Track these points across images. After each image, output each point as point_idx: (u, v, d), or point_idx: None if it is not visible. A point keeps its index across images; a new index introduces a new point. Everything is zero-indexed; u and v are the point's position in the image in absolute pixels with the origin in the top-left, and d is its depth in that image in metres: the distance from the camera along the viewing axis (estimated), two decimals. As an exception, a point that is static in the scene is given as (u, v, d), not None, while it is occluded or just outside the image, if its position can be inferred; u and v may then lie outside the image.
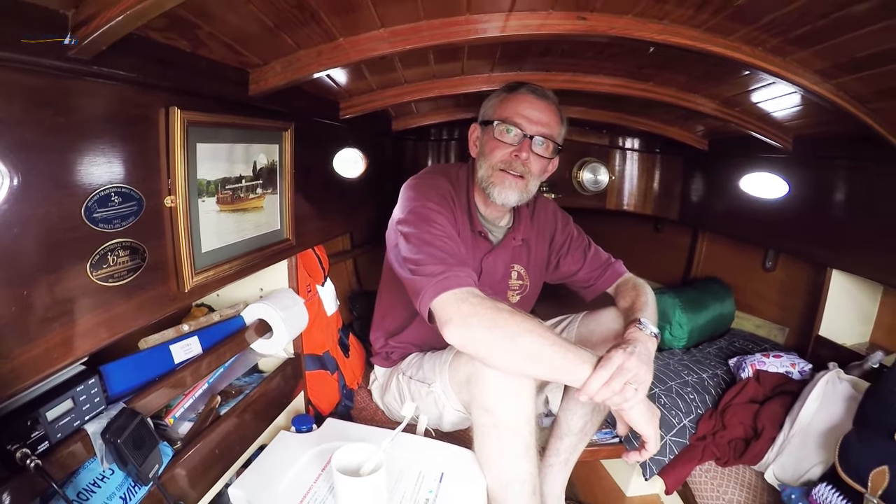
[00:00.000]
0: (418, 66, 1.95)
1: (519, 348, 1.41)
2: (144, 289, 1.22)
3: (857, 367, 2.07)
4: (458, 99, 2.52)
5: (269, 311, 1.79)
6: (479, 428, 1.61)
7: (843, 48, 1.36)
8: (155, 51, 1.14)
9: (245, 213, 1.57)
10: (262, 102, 1.55)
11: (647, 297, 1.89)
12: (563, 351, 1.40)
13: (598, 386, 1.35)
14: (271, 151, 1.68)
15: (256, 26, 1.24)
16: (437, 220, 1.71)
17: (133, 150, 1.15)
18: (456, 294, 1.48)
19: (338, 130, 2.26)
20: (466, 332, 1.44)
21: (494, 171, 1.84)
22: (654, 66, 1.90)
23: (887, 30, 1.19)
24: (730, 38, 1.44)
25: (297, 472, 1.56)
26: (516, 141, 1.82)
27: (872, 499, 1.54)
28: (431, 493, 1.52)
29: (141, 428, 1.23)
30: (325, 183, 2.23)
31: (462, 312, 1.45)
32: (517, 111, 1.82)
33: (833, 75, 1.54)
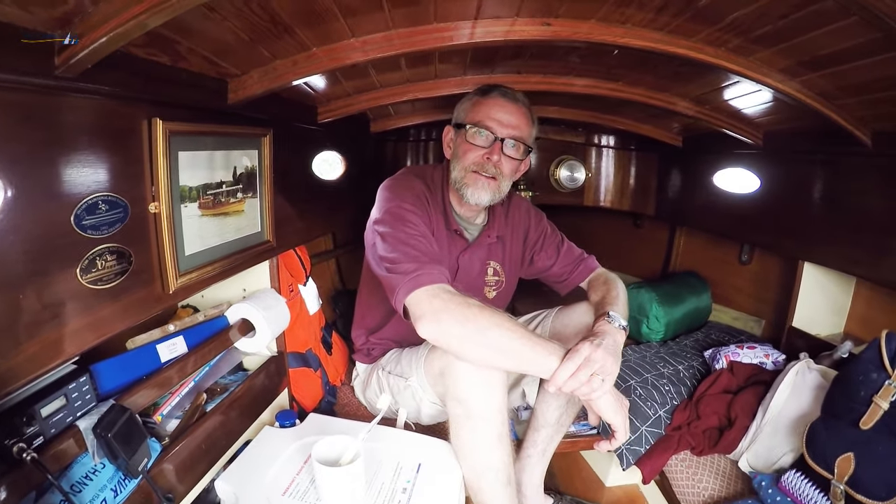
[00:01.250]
0: (392, 72, 2.01)
1: (489, 341, 1.46)
2: (131, 291, 1.29)
3: (828, 357, 2.13)
4: (436, 100, 2.56)
5: (252, 310, 1.85)
6: (454, 419, 1.67)
7: (804, 47, 1.42)
8: (137, 66, 1.20)
9: (226, 217, 1.64)
10: (240, 110, 1.61)
11: (618, 290, 1.95)
12: (532, 344, 1.46)
13: (565, 377, 1.41)
14: (251, 157, 1.74)
15: (233, 40, 1.30)
16: (411, 219, 1.76)
17: (118, 160, 1.21)
18: (428, 290, 1.53)
19: (316, 134, 2.32)
20: (438, 326, 1.49)
21: (467, 173, 1.90)
22: (623, 67, 1.97)
23: (844, 29, 1.25)
24: (692, 40, 1.50)
25: (280, 465, 1.63)
26: (488, 143, 1.88)
27: (839, 485, 1.60)
28: (409, 482, 1.58)
29: (130, 423, 1.29)
30: (304, 186, 2.29)
31: (433, 308, 1.50)
32: (488, 115, 1.87)
33: (797, 73, 1.60)
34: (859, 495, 1.56)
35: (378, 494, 1.53)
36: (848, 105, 1.75)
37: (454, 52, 1.87)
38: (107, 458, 1.27)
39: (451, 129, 2.03)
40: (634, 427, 2.21)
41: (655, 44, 1.50)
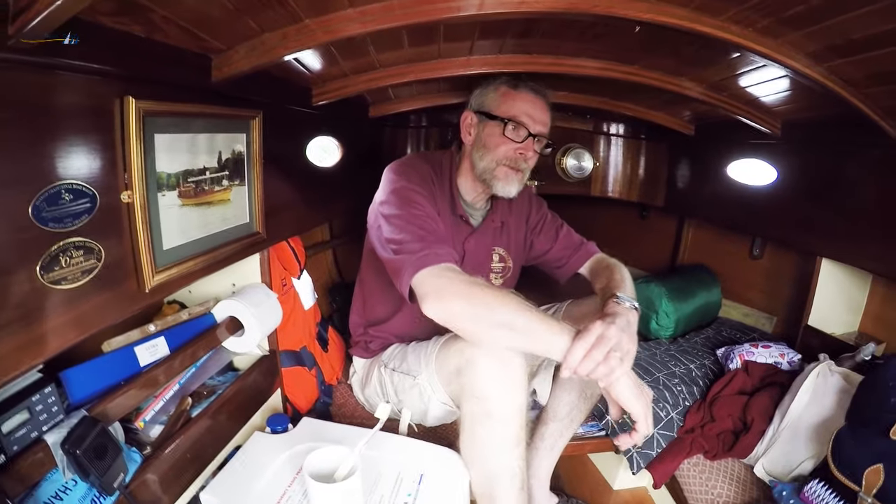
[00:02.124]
0: (392, 50, 1.91)
1: (497, 319, 1.45)
2: (102, 291, 1.18)
3: (849, 359, 2.07)
4: (439, 84, 2.51)
5: (240, 307, 1.75)
6: (471, 417, 1.61)
7: (837, 30, 1.34)
8: (105, 37, 1.09)
9: (210, 207, 1.53)
10: (227, 90, 1.51)
11: (622, 273, 1.95)
12: (542, 321, 1.44)
13: (579, 357, 1.37)
14: (238, 141, 1.64)
15: (216, 9, 1.19)
16: (418, 200, 1.78)
17: (84, 143, 1.11)
18: (433, 270, 1.55)
19: (311, 118, 2.23)
20: (443, 304, 1.50)
21: (499, 166, 1.94)
22: (641, 49, 1.87)
23: (880, 12, 1.18)
24: (720, 18, 1.41)
25: (271, 475, 1.54)
26: (521, 139, 1.92)
27: (867, 498, 1.53)
28: (410, 496, 1.50)
29: (102, 437, 1.20)
30: (297, 173, 2.21)
31: (438, 286, 1.52)
32: (523, 110, 1.93)
33: (825, 58, 1.53)
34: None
35: (376, 507, 1.44)
36: (875, 94, 1.68)
37: (460, 28, 1.75)
38: (77, 476, 1.18)
39: (473, 115, 2.03)
40: (648, 428, 2.14)
41: (680, 20, 1.40)
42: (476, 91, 2.06)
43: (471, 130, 2.03)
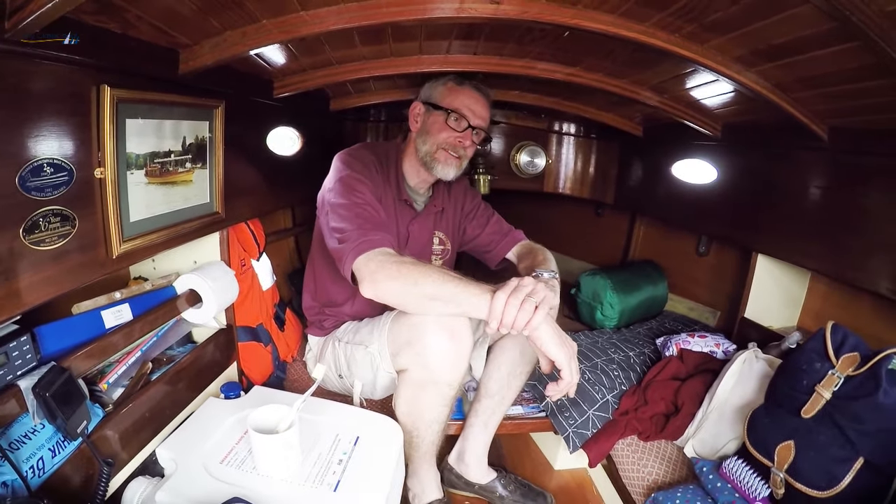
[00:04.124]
0: (347, 49, 2.07)
1: (424, 292, 1.66)
2: (74, 254, 1.35)
3: (776, 347, 2.22)
4: (396, 81, 2.66)
5: (199, 281, 1.92)
6: (414, 383, 1.93)
7: (758, 35, 1.48)
8: (86, 32, 1.25)
9: (174, 186, 1.70)
10: (192, 81, 1.67)
11: (545, 255, 2.25)
12: (463, 286, 1.64)
13: (500, 307, 1.55)
14: (202, 128, 1.80)
15: (183, 9, 1.36)
16: (359, 188, 1.98)
17: (65, 124, 1.27)
18: (369, 255, 1.75)
19: (272, 109, 2.38)
20: (375, 285, 1.71)
21: (438, 149, 2.16)
22: (579, 51, 2.03)
23: (797, 17, 1.30)
24: (645, 24, 1.56)
25: (221, 434, 1.70)
26: (461, 129, 2.16)
27: (779, 472, 1.67)
28: (345, 454, 1.65)
29: (68, 384, 1.36)
30: (258, 160, 2.35)
31: (371, 269, 1.72)
32: (465, 104, 2.16)
33: (753, 63, 1.67)
34: (798, 483, 1.62)
35: (314, 465, 1.60)
36: (804, 98, 1.83)
37: (407, 30, 1.92)
38: (46, 419, 1.33)
39: (420, 105, 2.25)
40: (582, 411, 2.31)
41: (607, 26, 1.55)
42: (426, 84, 2.29)
43: (417, 119, 2.25)
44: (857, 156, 1.93)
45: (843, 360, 1.69)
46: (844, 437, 1.57)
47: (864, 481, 1.54)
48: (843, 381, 1.64)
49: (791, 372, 1.82)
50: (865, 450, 1.54)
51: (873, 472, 1.53)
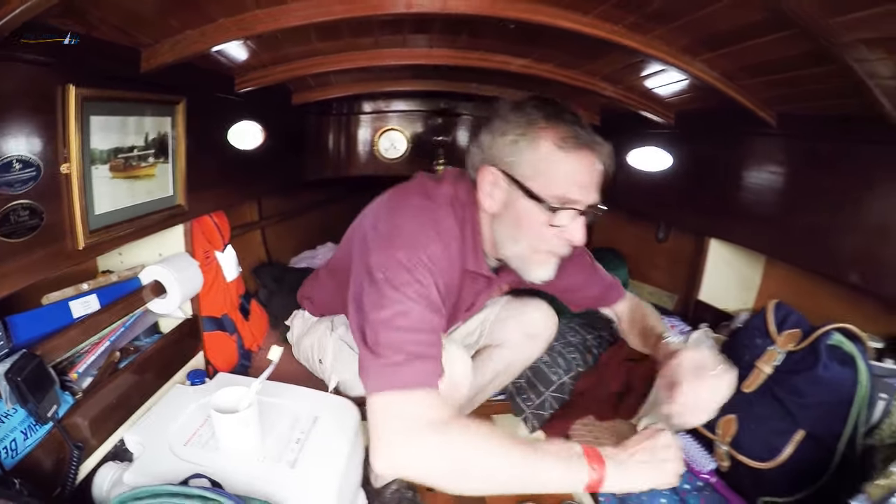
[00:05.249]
0: (303, 44, 2.17)
1: (478, 480, 1.22)
2: (43, 246, 1.45)
3: (726, 328, 2.34)
4: (354, 74, 2.78)
5: (164, 272, 2.03)
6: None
7: (699, 24, 1.54)
8: (51, 33, 1.34)
9: (137, 180, 1.80)
10: (154, 78, 1.75)
11: (653, 311, 2.01)
12: (542, 456, 1.21)
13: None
14: (164, 123, 1.89)
15: (143, 10, 1.47)
16: (421, 280, 1.40)
17: (33, 122, 1.37)
18: (401, 400, 1.25)
19: (234, 104, 2.46)
20: (393, 460, 1.24)
21: (536, 252, 1.59)
22: (529, 43, 2.14)
23: (733, 6, 1.37)
24: (589, 16, 1.64)
25: (186, 418, 1.80)
26: (569, 221, 1.52)
27: (722, 445, 1.77)
28: (304, 434, 1.77)
29: (39, 369, 1.47)
30: (220, 154, 2.44)
31: (391, 432, 1.23)
32: (577, 182, 1.50)
33: (698, 52, 1.74)
34: (741, 456, 1.71)
35: (274, 443, 1.72)
36: (751, 86, 1.93)
37: (363, 26, 2.02)
38: (18, 403, 1.43)
39: (500, 176, 1.54)
40: (539, 392, 2.45)
41: (552, 18, 1.64)
42: (496, 133, 1.55)
43: (494, 194, 1.56)
44: (804, 141, 2.02)
45: (785, 336, 1.80)
46: (785, 411, 1.65)
47: (805, 453, 1.61)
48: (785, 357, 1.75)
49: (734, 349, 1.92)
50: (806, 422, 1.62)
51: (814, 443, 1.60)
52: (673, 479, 1.25)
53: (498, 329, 2.24)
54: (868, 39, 1.31)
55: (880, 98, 1.50)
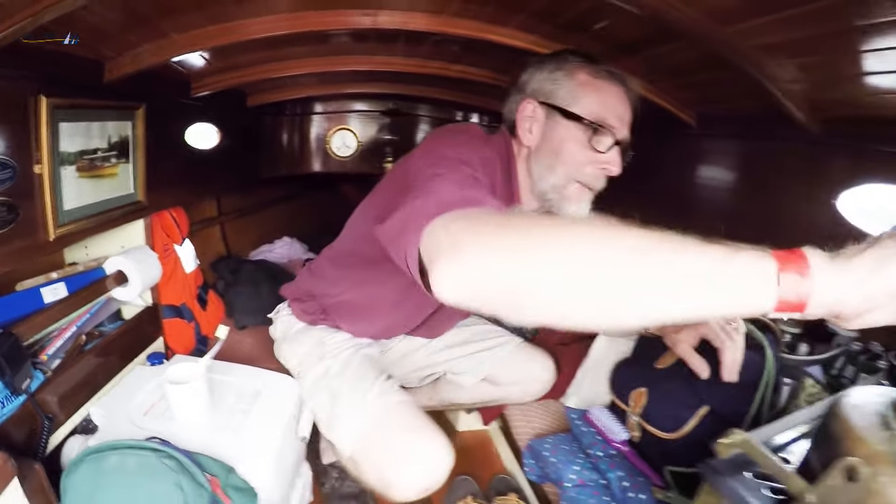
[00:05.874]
0: (251, 53, 2.36)
1: (593, 255, 0.81)
2: (19, 238, 1.64)
3: None
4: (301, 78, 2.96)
5: (125, 262, 2.24)
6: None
7: (605, 34, 1.73)
8: (28, 52, 1.47)
9: (101, 179, 2.01)
10: (117, 87, 1.93)
11: None
12: (686, 253, 0.80)
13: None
14: (125, 127, 2.10)
15: (105, 27, 1.63)
16: (475, 168, 1.28)
17: (9, 129, 1.55)
18: (455, 214, 0.96)
19: (191, 107, 2.65)
20: (461, 258, 0.85)
21: (571, 182, 1.59)
22: (459, 53, 2.36)
23: (632, 19, 1.49)
24: (508, 27, 1.82)
25: (145, 393, 2.02)
26: (607, 149, 1.55)
27: (633, 416, 1.85)
28: (248, 406, 2.00)
29: (14, 347, 1.67)
30: (178, 154, 2.64)
31: (452, 232, 0.91)
32: (612, 109, 1.55)
33: (614, 56, 1.83)
34: (650, 426, 1.78)
35: (222, 413, 1.94)
36: (669, 88, 2.10)
37: (307, 38, 2.20)
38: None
39: (536, 106, 1.60)
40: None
41: (475, 31, 1.84)
42: (535, 72, 1.62)
43: (532, 128, 1.61)
44: (722, 140, 2.20)
45: (699, 322, 1.93)
46: (692, 388, 1.69)
47: (707, 427, 1.65)
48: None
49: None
50: (712, 400, 1.66)
51: (718, 420, 1.64)
52: None
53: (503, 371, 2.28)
54: (765, 45, 1.45)
55: (783, 101, 1.63)
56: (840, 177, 1.66)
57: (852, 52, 1.31)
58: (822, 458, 0.92)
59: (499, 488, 2.42)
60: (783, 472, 0.93)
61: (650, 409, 1.81)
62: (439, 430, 1.73)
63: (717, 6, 1.35)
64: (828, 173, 1.74)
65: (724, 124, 2.18)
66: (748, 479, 1.02)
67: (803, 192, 1.85)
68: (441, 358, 2.30)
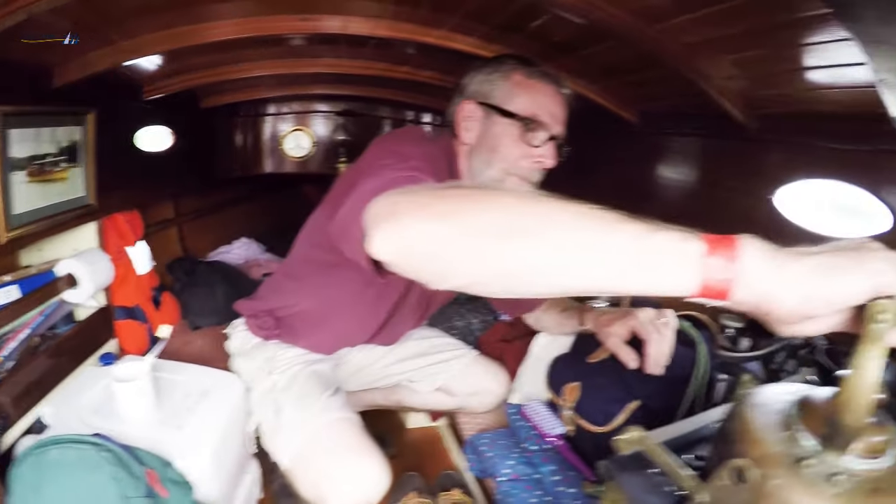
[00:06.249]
0: (198, 56, 2.42)
1: (511, 223, 0.82)
2: None
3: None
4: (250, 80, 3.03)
5: (77, 265, 2.30)
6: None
7: (545, 33, 1.78)
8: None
9: (51, 184, 2.06)
10: (66, 94, 1.97)
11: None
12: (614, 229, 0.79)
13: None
14: (76, 132, 2.15)
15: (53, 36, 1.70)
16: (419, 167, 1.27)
17: None
18: (399, 189, 1.00)
19: (143, 110, 2.69)
20: (397, 224, 0.91)
21: (509, 176, 1.70)
22: (403, 55, 2.44)
23: (562, 19, 1.57)
24: (443, 30, 1.89)
25: (95, 393, 2.09)
26: (540, 143, 1.66)
27: (566, 410, 1.90)
28: (194, 403, 2.08)
29: None
30: (129, 157, 2.68)
31: (391, 203, 0.96)
32: (545, 107, 1.67)
33: (551, 56, 1.91)
34: (582, 420, 1.83)
35: (167, 410, 2.03)
36: (608, 87, 2.16)
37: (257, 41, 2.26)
38: None
39: (474, 106, 1.72)
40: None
41: (412, 34, 1.93)
42: (475, 75, 1.75)
43: (471, 127, 1.73)
44: (662, 136, 2.26)
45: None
46: (623, 383, 1.76)
47: (637, 421, 1.59)
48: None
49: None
50: (643, 394, 1.72)
51: (648, 413, 1.69)
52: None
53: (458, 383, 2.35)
54: (695, 43, 1.49)
55: (717, 98, 1.67)
56: (777, 172, 1.71)
57: (787, 48, 1.34)
58: (719, 457, 0.91)
59: (444, 484, 2.50)
60: (675, 470, 0.97)
61: (582, 403, 1.85)
62: (377, 451, 1.78)
63: (642, 5, 1.41)
64: (765, 169, 1.79)
65: (664, 121, 2.24)
66: (649, 476, 1.05)
67: (741, 188, 1.89)
68: (397, 370, 2.36)
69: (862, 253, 0.70)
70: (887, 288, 0.67)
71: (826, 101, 1.49)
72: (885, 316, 0.66)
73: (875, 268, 0.68)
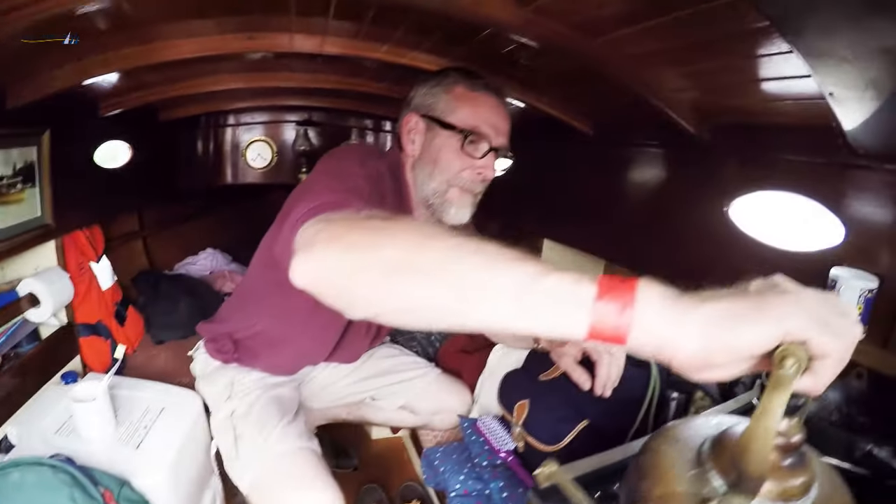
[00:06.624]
0: (161, 72, 2.45)
1: (399, 260, 0.85)
2: None
3: None
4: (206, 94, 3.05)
5: (36, 284, 2.34)
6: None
7: (489, 47, 1.79)
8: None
9: (8, 206, 2.08)
10: (20, 115, 1.94)
11: None
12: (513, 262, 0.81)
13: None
14: (30, 153, 2.17)
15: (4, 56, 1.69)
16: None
17: None
18: (324, 215, 1.06)
19: (100, 127, 2.70)
20: (310, 256, 0.95)
21: (452, 188, 1.75)
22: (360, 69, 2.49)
23: (498, 33, 1.60)
24: (388, 44, 1.93)
25: (57, 412, 2.14)
26: (482, 155, 1.71)
27: (516, 427, 1.90)
28: (152, 421, 2.15)
29: None
30: (87, 173, 2.70)
31: (309, 235, 1.00)
32: (485, 119, 1.72)
33: (498, 69, 1.95)
34: (531, 437, 1.83)
35: (125, 429, 2.09)
36: (558, 99, 2.19)
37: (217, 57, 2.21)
38: None
39: (418, 119, 1.77)
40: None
41: (357, 50, 1.97)
42: (419, 88, 1.81)
43: (414, 139, 1.78)
44: (616, 148, 2.30)
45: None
46: (573, 402, 1.76)
47: (586, 440, 1.70)
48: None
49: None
50: (592, 414, 1.72)
51: (596, 433, 1.69)
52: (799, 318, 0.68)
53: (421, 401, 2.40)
54: (640, 55, 1.51)
55: (666, 110, 1.71)
56: (731, 184, 1.74)
57: (736, 60, 1.35)
58: (627, 492, 0.90)
59: (405, 495, 2.58)
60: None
61: (531, 421, 1.86)
62: (332, 483, 1.79)
63: (580, 20, 1.43)
64: (719, 181, 1.81)
65: (618, 133, 2.28)
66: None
67: (695, 200, 1.91)
68: (360, 388, 2.39)
69: (768, 298, 0.69)
70: (795, 332, 0.66)
71: (778, 112, 1.51)
72: (789, 362, 0.65)
73: (782, 312, 0.67)
